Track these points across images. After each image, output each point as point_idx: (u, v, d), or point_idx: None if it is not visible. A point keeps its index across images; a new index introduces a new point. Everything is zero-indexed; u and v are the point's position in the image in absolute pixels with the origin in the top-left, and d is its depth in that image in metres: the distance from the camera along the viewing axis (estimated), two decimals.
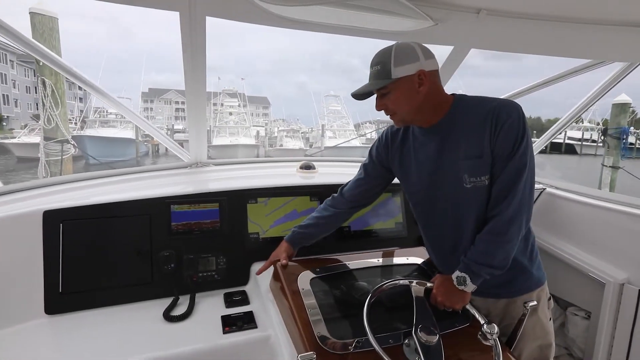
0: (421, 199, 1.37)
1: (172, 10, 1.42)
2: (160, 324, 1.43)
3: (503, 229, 1.16)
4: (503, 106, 1.16)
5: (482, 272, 1.18)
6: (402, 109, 1.22)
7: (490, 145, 1.16)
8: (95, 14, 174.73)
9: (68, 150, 4.36)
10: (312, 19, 1.64)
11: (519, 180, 1.14)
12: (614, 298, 1.88)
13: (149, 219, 1.65)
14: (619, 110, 7.67)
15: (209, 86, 49.07)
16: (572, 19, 1.76)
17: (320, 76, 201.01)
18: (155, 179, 2.14)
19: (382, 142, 1.46)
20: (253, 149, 26.43)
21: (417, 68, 1.17)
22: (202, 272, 1.67)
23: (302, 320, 1.20)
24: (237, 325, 1.39)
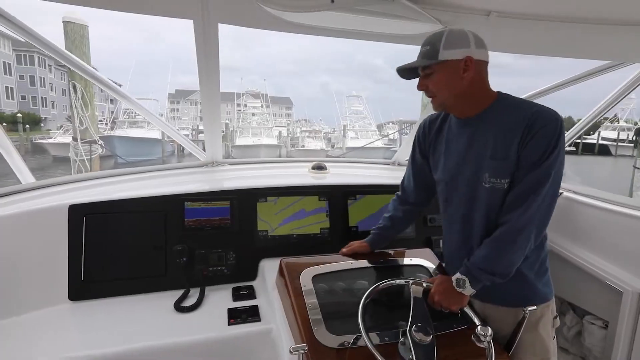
0: (442, 190, 1.39)
1: (186, 19, 1.51)
2: (171, 314, 1.52)
3: (511, 237, 1.15)
4: (541, 113, 1.14)
5: (482, 277, 1.18)
6: (442, 92, 1.22)
7: (519, 150, 1.14)
8: (128, 18, 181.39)
9: (96, 150, 4.59)
10: (322, 24, 1.69)
11: (539, 190, 1.12)
12: (632, 307, 1.82)
13: (164, 214, 1.75)
14: None
15: (233, 87, 49.78)
16: (585, 20, 1.73)
17: (343, 77, 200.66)
18: (173, 177, 2.25)
19: (420, 131, 1.49)
20: (275, 149, 26.69)
21: (465, 54, 1.17)
22: (213, 266, 1.75)
23: (302, 315, 1.25)
24: (241, 318, 1.46)
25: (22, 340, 1.37)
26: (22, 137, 23.91)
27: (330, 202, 1.95)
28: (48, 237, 1.62)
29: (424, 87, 1.25)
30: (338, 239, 1.92)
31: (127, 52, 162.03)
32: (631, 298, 1.82)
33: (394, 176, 2.57)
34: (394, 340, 1.17)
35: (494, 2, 1.68)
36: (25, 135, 24.46)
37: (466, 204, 1.29)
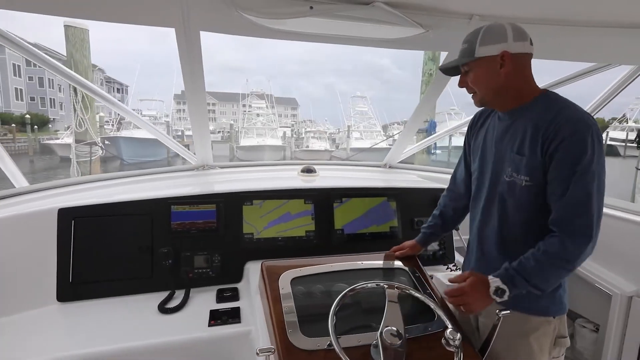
0: (475, 178, 1.42)
1: (168, 27, 1.54)
2: (154, 315, 1.55)
3: (572, 256, 1.11)
4: (570, 120, 1.11)
5: (523, 289, 1.13)
6: (480, 88, 1.24)
7: (542, 153, 1.14)
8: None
9: (96, 152, 4.66)
10: (304, 30, 1.71)
11: (588, 204, 1.09)
12: (621, 311, 1.82)
13: (150, 217, 1.78)
14: None
15: (238, 88, 49.69)
16: (567, 22, 1.73)
17: (349, 77, 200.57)
18: (164, 180, 2.29)
19: (471, 122, 1.52)
20: (280, 149, 26.76)
21: (501, 49, 1.16)
22: (198, 268, 1.78)
23: (277, 318, 1.27)
24: (222, 320, 1.49)
25: (10, 340, 1.41)
26: (30, 138, 24.26)
27: (316, 205, 1.97)
28: (38, 239, 1.67)
29: (464, 84, 1.27)
30: (323, 241, 1.94)
31: (134, 53, 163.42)
32: (620, 301, 1.82)
33: (384, 179, 2.58)
34: (368, 343, 1.18)
35: (475, 6, 1.68)
36: (34, 136, 24.82)
37: (487, 195, 1.32)
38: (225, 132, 37.02)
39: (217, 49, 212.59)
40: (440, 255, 2.08)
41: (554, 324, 1.27)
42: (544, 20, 1.72)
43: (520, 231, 1.24)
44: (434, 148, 14.23)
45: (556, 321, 1.27)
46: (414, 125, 2.49)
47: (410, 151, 2.88)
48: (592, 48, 1.88)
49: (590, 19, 1.72)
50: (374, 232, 2.02)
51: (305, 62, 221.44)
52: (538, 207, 1.19)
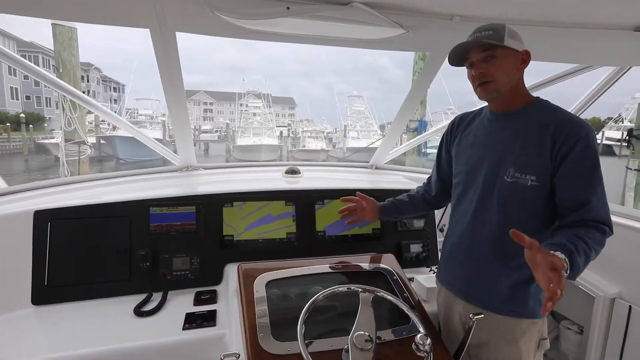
0: (459, 182, 1.41)
1: (143, 28, 1.52)
2: (129, 319, 1.53)
3: (601, 239, 1.10)
4: (576, 122, 1.16)
5: (576, 269, 1.00)
6: (502, 78, 1.22)
7: (552, 155, 1.15)
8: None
9: (85, 151, 4.63)
10: (284, 31, 1.69)
11: (597, 192, 1.12)
12: (604, 313, 1.82)
13: (129, 219, 1.77)
14: None
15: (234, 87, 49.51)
16: (547, 23, 1.72)
17: (349, 76, 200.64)
18: (146, 181, 2.27)
19: (449, 126, 1.53)
20: (276, 149, 26.74)
21: (523, 48, 1.23)
22: (177, 271, 1.76)
23: (249, 322, 1.26)
24: (196, 323, 1.47)
25: None
26: (24, 137, 24.14)
27: (297, 207, 1.96)
28: (13, 242, 1.64)
29: (484, 69, 1.22)
30: (305, 243, 1.93)
31: (131, 51, 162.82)
32: (603, 303, 1.81)
33: (370, 180, 2.57)
34: (341, 347, 1.17)
35: (456, 7, 1.67)
36: (29, 135, 24.69)
37: (480, 197, 1.30)
38: (222, 131, 37.00)
39: (218, 48, 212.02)
40: (423, 257, 2.07)
41: (538, 326, 1.28)
42: (525, 22, 1.71)
43: (521, 231, 1.22)
44: (425, 147, 14.17)
45: (540, 322, 1.28)
46: (399, 125, 2.48)
47: (397, 152, 2.87)
48: (574, 49, 1.88)
49: (571, 21, 1.72)
50: (356, 234, 2.01)
51: (305, 61, 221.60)
52: (542, 207, 1.20)
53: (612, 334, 1.82)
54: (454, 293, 1.42)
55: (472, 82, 1.29)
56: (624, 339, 1.79)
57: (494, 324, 1.27)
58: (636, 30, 1.74)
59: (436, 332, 1.33)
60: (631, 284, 1.79)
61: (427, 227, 2.13)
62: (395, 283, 1.51)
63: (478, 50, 1.23)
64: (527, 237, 0.96)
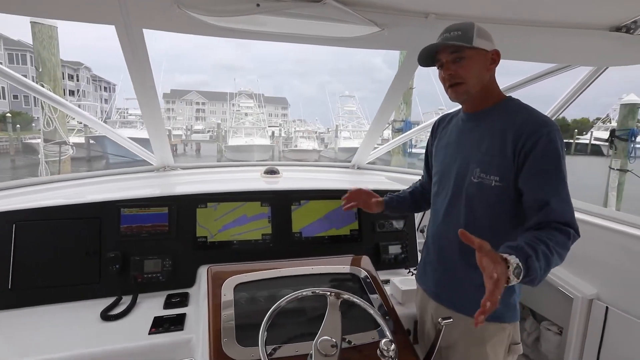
0: (435, 182, 1.41)
1: (107, 24, 1.47)
2: (96, 323, 1.48)
3: (565, 241, 1.04)
4: (540, 122, 1.13)
5: (533, 273, 0.95)
6: (471, 79, 1.21)
7: (514, 154, 1.13)
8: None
9: (66, 151, 4.54)
10: (255, 29, 1.66)
11: (562, 194, 1.08)
12: (582, 314, 1.82)
13: (99, 221, 1.72)
14: (628, 111, 7.33)
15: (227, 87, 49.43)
16: (523, 22, 1.71)
17: (344, 76, 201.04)
18: (120, 182, 2.22)
19: (432, 128, 1.53)
20: (268, 149, 26.67)
21: (492, 47, 1.21)
22: (148, 273, 1.72)
23: (214, 326, 1.23)
24: (163, 327, 1.43)
25: None
26: (11, 137, 23.74)
27: (273, 208, 1.92)
28: None
29: (453, 72, 1.21)
30: (280, 245, 1.90)
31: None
32: (581, 304, 1.81)
33: (350, 180, 2.55)
34: (306, 352, 1.14)
35: (431, 4, 1.65)
36: (15, 135, 24.28)
37: (451, 198, 1.29)
38: (214, 131, 36.85)
39: (211, 47, 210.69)
40: (402, 259, 2.04)
41: (508, 330, 1.25)
42: (502, 20, 1.70)
43: (489, 234, 1.16)
44: (410, 147, 14.21)
45: (510, 327, 1.26)
46: (379, 124, 2.46)
47: (379, 152, 2.85)
48: (551, 49, 1.87)
49: (548, 20, 1.71)
50: (333, 235, 1.98)
51: (300, 61, 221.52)
52: (506, 208, 1.18)
53: (590, 334, 1.82)
54: (427, 294, 1.41)
55: (443, 83, 1.28)
56: (601, 340, 1.79)
57: (463, 325, 1.25)
58: (611, 30, 1.74)
59: (406, 336, 1.31)
60: (608, 285, 1.79)
61: (407, 228, 2.11)
62: (368, 286, 1.48)
63: (447, 52, 1.21)
64: (476, 239, 0.93)
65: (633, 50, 1.77)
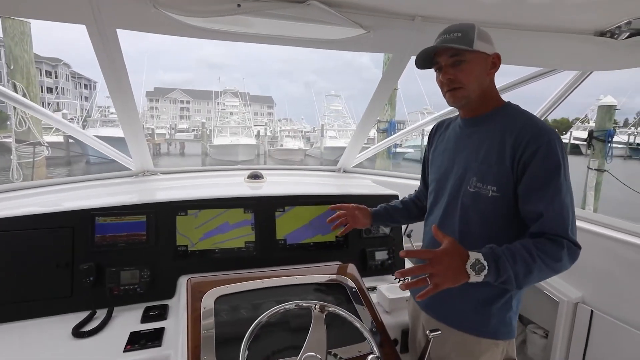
0: (432, 190, 1.37)
1: (77, 23, 1.39)
2: (67, 340, 1.39)
3: (566, 263, 1.04)
4: (540, 129, 1.08)
5: (504, 275, 0.97)
6: (471, 84, 1.16)
7: (512, 162, 1.09)
8: None
9: (41, 152, 4.35)
10: (236, 30, 1.60)
11: (563, 202, 1.06)
12: (567, 317, 1.83)
13: (71, 231, 1.63)
14: (605, 113, 7.54)
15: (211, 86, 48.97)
16: (513, 26, 1.70)
17: (330, 75, 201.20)
18: (98, 187, 2.12)
19: (430, 134, 1.49)
20: (253, 148, 26.45)
21: (493, 51, 1.17)
22: (124, 285, 1.64)
23: (193, 342, 1.17)
24: (140, 344, 1.35)
25: None
26: None
27: (256, 214, 1.86)
28: None
29: (452, 75, 1.16)
30: (264, 252, 1.84)
31: None
32: (567, 308, 1.82)
33: (336, 184, 2.50)
34: None
35: (418, 7, 1.62)
36: None
37: (446, 207, 1.24)
38: (198, 130, 36.36)
39: (195, 44, 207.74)
40: (388, 265, 2.01)
41: (502, 347, 1.21)
42: (488, 24, 1.68)
43: (483, 245, 1.14)
44: (395, 146, 14.33)
45: (505, 344, 1.21)
46: (366, 127, 2.42)
47: (366, 154, 2.82)
48: (537, 53, 1.87)
49: (533, 23, 1.70)
50: (318, 242, 1.93)
51: (286, 60, 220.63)
52: (502, 219, 1.14)
53: (575, 337, 1.84)
54: (418, 305, 1.38)
55: (440, 87, 1.23)
56: (586, 343, 1.80)
57: (455, 339, 1.22)
58: (596, 35, 1.74)
59: (393, 349, 1.27)
60: (593, 289, 1.80)
61: (393, 234, 2.08)
62: (354, 296, 1.44)
63: (446, 54, 1.16)
64: (441, 234, 1.02)
65: (617, 55, 1.78)
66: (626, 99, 43.70)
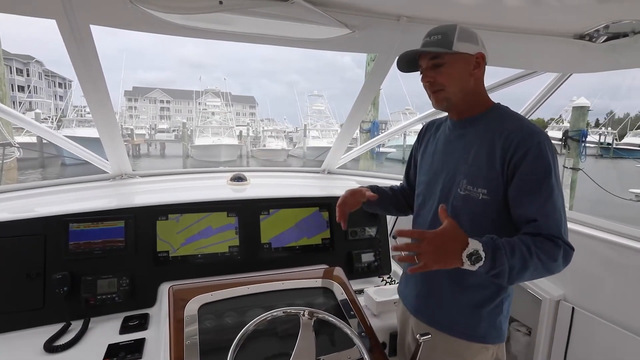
0: (420, 193, 1.34)
1: (47, 18, 1.31)
2: (38, 356, 1.31)
3: (561, 264, 1.03)
4: (529, 131, 1.07)
5: (498, 268, 0.95)
6: (451, 86, 1.15)
7: (503, 166, 1.08)
8: None
9: (11, 154, 4.13)
10: (218, 28, 1.54)
11: (555, 203, 1.05)
12: (550, 314, 1.86)
13: (43, 238, 1.54)
14: (578, 113, 7.83)
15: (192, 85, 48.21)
16: (497, 28, 1.71)
17: (312, 75, 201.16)
18: (73, 192, 2.02)
19: (419, 134, 1.47)
20: (236, 149, 26.16)
21: (477, 50, 1.14)
22: (102, 294, 1.56)
23: (176, 353, 1.12)
24: (118, 356, 1.29)
25: None
26: None
27: (240, 218, 1.82)
28: None
29: (432, 79, 1.16)
30: (249, 257, 1.79)
31: None
32: (549, 305, 1.85)
33: (320, 186, 2.47)
34: None
35: (403, 7, 1.61)
36: None
37: (437, 210, 1.19)
38: (179, 131, 35.71)
39: (176, 43, 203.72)
40: (375, 267, 2.00)
41: (492, 351, 1.21)
42: (472, 25, 1.67)
43: None
44: (378, 147, 14.43)
45: (494, 347, 1.21)
46: (350, 128, 2.40)
47: (351, 155, 2.80)
48: (518, 55, 1.89)
49: (516, 26, 1.71)
50: (304, 244, 1.90)
51: (268, 59, 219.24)
52: (492, 223, 1.13)
53: (557, 334, 1.87)
54: (408, 308, 1.36)
55: (425, 90, 1.23)
56: (567, 339, 1.84)
57: (444, 344, 1.21)
58: (575, 38, 1.77)
59: (382, 353, 1.26)
60: (574, 286, 1.84)
61: (379, 235, 2.07)
62: (342, 301, 1.42)
63: (427, 58, 1.16)
64: (445, 214, 1.00)
65: (595, 58, 1.82)
66: (597, 99, 45.52)
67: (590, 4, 1.42)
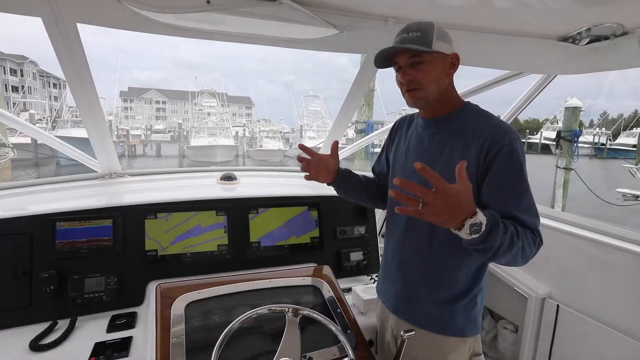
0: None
1: (33, 16, 1.31)
2: (24, 355, 1.31)
3: (532, 254, 1.07)
4: (502, 129, 1.09)
5: (491, 242, 0.96)
6: (430, 85, 1.14)
7: (478, 164, 1.08)
8: None
9: (5, 154, 4.11)
10: (207, 28, 1.55)
11: (527, 202, 1.08)
12: (536, 312, 1.89)
13: (29, 237, 1.54)
14: (571, 114, 7.91)
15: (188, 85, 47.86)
16: (484, 29, 1.73)
17: (308, 75, 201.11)
18: (61, 191, 2.02)
19: (391, 130, 1.46)
20: (232, 149, 26.11)
21: (452, 50, 1.15)
22: (89, 293, 1.56)
23: (162, 351, 1.12)
24: (105, 355, 1.29)
25: None
26: None
27: (229, 217, 1.82)
28: None
29: (411, 76, 1.15)
30: (238, 255, 1.80)
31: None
32: (535, 303, 1.88)
33: (311, 185, 2.47)
34: None
35: (391, 8, 1.62)
36: None
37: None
38: (175, 131, 35.59)
39: (171, 42, 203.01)
40: (363, 266, 2.01)
41: (469, 343, 1.24)
42: (458, 26, 1.70)
43: (448, 248, 1.17)
44: (373, 147, 14.43)
45: (471, 340, 1.24)
46: (340, 127, 2.41)
47: (341, 154, 2.81)
48: (504, 56, 1.91)
49: (502, 27, 1.73)
50: (293, 243, 1.91)
51: (264, 60, 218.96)
52: None
53: (543, 331, 1.89)
54: (386, 306, 1.37)
55: (400, 87, 1.22)
56: (552, 336, 1.86)
57: (423, 340, 1.23)
58: (559, 40, 1.80)
59: (368, 351, 1.27)
60: (559, 284, 1.86)
61: (368, 234, 2.09)
62: (329, 298, 1.43)
63: (405, 55, 1.15)
64: (462, 171, 0.93)
65: (578, 60, 1.84)
66: (591, 100, 45.89)
67: (574, 7, 1.45)
